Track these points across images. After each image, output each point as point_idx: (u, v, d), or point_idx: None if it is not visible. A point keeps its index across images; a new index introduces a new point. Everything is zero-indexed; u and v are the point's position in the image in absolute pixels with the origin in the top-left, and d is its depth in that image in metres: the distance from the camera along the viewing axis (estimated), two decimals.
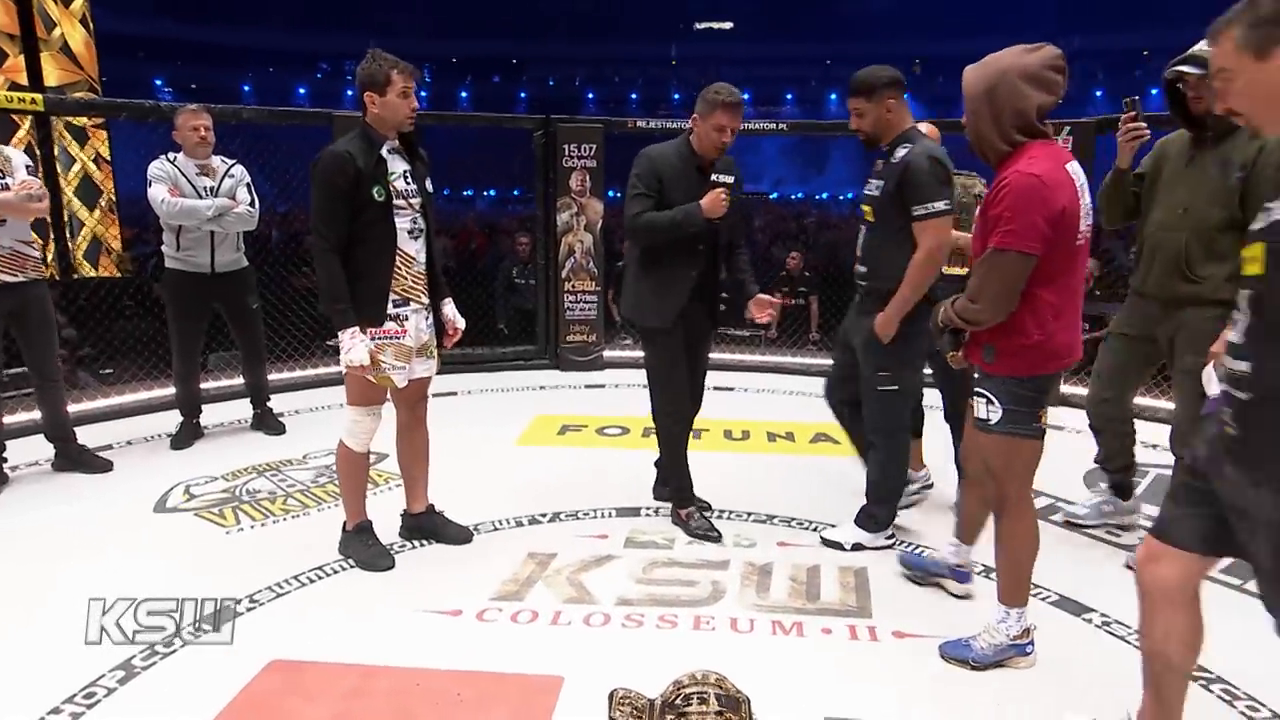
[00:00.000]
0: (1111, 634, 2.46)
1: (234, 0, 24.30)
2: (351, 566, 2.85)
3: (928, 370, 3.13)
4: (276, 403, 4.50)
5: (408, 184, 2.74)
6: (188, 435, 4.10)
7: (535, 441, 4.25)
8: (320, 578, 2.78)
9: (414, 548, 3.02)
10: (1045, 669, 2.26)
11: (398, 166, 2.72)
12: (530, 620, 2.53)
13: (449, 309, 2.95)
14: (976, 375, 2.24)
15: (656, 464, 3.36)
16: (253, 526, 3.19)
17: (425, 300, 2.85)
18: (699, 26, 28.98)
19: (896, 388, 2.83)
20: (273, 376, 4.76)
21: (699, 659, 2.24)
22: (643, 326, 3.03)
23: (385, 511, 3.04)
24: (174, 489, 3.53)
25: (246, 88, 25.27)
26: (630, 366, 5.71)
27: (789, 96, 27.16)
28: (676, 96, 28.18)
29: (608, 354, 5.73)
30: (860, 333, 2.85)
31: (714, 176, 2.87)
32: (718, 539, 3.02)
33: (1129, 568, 2.54)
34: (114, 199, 7.33)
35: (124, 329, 5.55)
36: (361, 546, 2.88)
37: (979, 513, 2.52)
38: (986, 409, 2.19)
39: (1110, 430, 3.08)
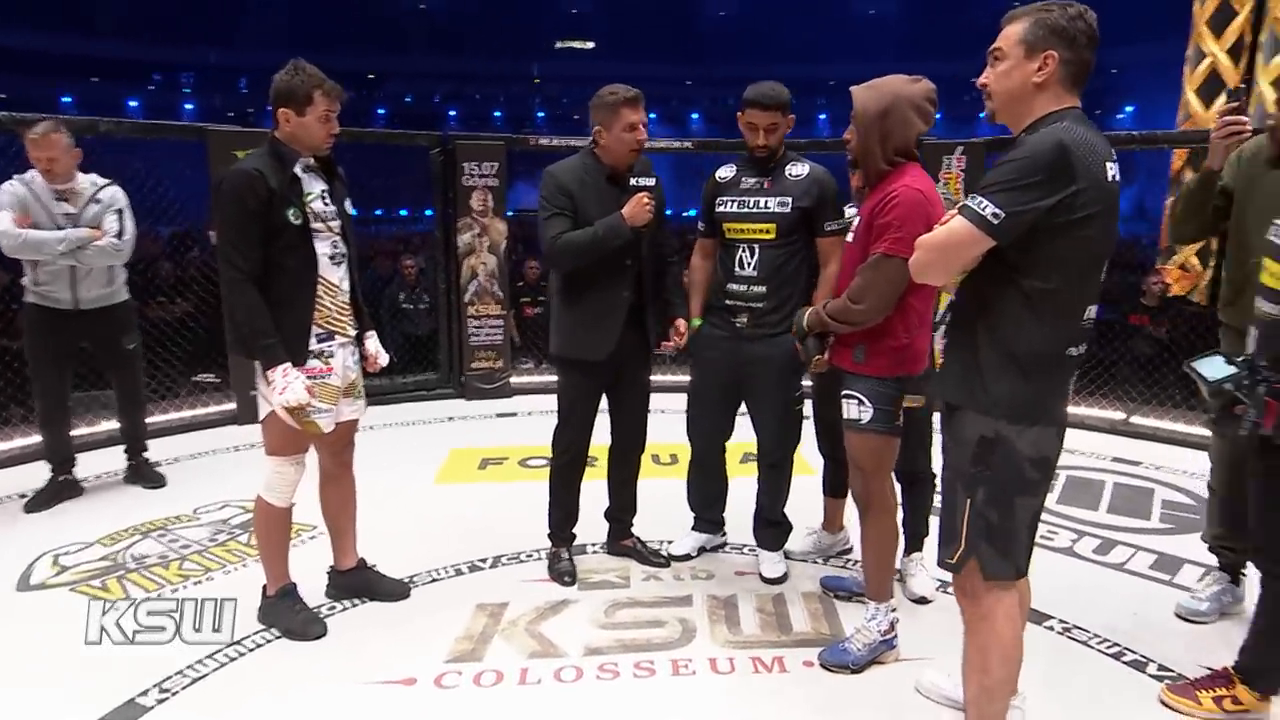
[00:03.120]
0: (1074, 640, 2.53)
1: (51, 4, 22.03)
2: (277, 637, 2.52)
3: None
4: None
5: (326, 205, 2.47)
6: (51, 494, 3.54)
7: (456, 478, 3.98)
8: (242, 654, 2.43)
9: (346, 609, 2.71)
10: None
11: (314, 186, 2.45)
12: (495, 682, 2.31)
13: (372, 343, 2.69)
14: (844, 377, 2.34)
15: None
16: (146, 599, 2.77)
17: (351, 333, 2.58)
18: (560, 45, 29.02)
19: (801, 406, 2.84)
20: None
21: (685, 708, 2.13)
22: (575, 360, 2.77)
23: (305, 570, 2.71)
24: (39, 561, 3.02)
25: (67, 99, 22.94)
26: (540, 392, 5.49)
27: (653, 116, 27.63)
28: (540, 115, 28.05)
29: (514, 380, 5.49)
30: (766, 359, 2.71)
31: (633, 180, 2.68)
32: (571, 584, 2.84)
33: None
34: None
35: None
36: (288, 613, 2.56)
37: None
38: (858, 409, 2.31)
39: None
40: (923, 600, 2.74)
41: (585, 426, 2.86)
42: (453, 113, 27.08)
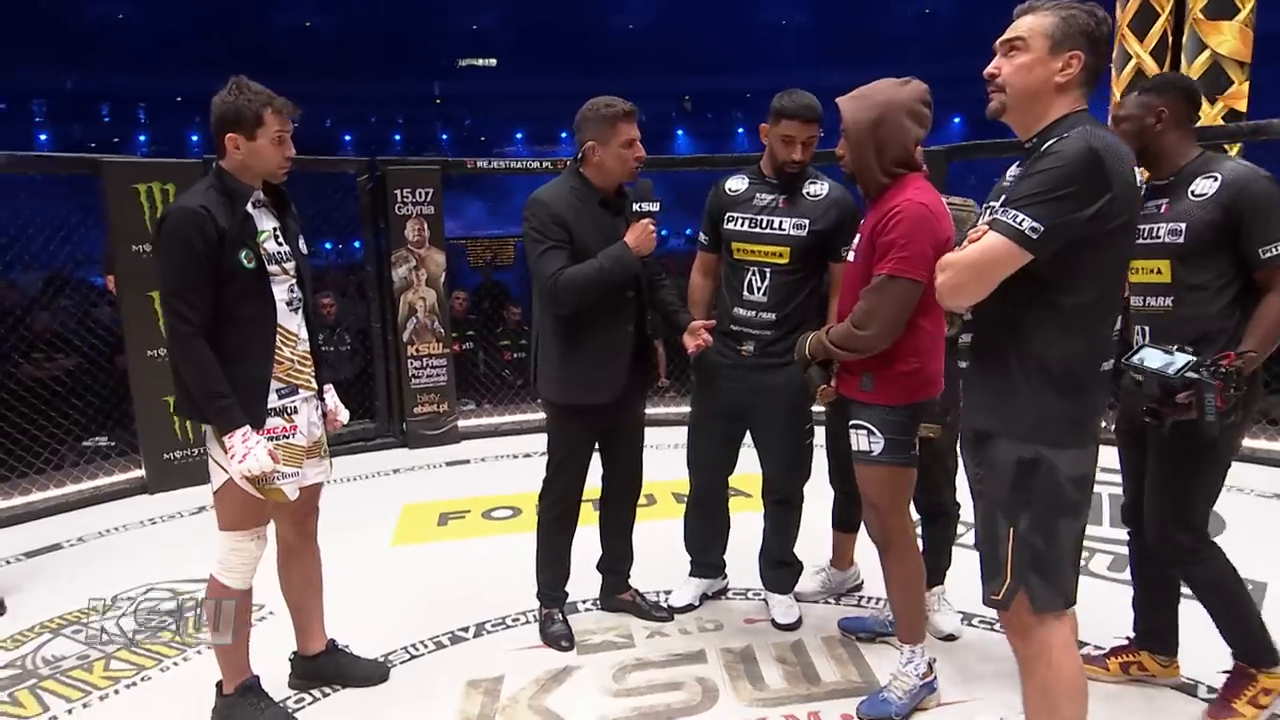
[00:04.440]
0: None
1: None
2: None
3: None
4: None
5: (280, 245, 2.31)
6: None
7: (415, 539, 3.78)
8: None
9: (316, 699, 2.51)
10: None
11: (266, 224, 2.29)
12: None
13: (331, 398, 2.52)
14: (851, 406, 2.30)
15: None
16: (69, 711, 2.50)
17: (314, 386, 2.41)
18: (462, 64, 28.86)
19: (812, 438, 2.80)
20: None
21: None
22: (577, 405, 2.65)
23: (260, 658, 2.47)
24: None
25: None
26: (490, 435, 5.35)
27: (564, 135, 27.76)
28: (444, 136, 27.76)
29: (461, 424, 5.31)
30: (774, 389, 2.65)
31: (637, 205, 2.59)
32: (570, 648, 2.72)
33: None
34: None
35: None
36: (251, 712, 2.34)
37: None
38: (869, 441, 2.26)
39: None
40: (950, 638, 2.72)
41: (580, 475, 2.75)
42: (348, 137, 26.52)
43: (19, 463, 4.31)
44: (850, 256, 2.34)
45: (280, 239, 2.32)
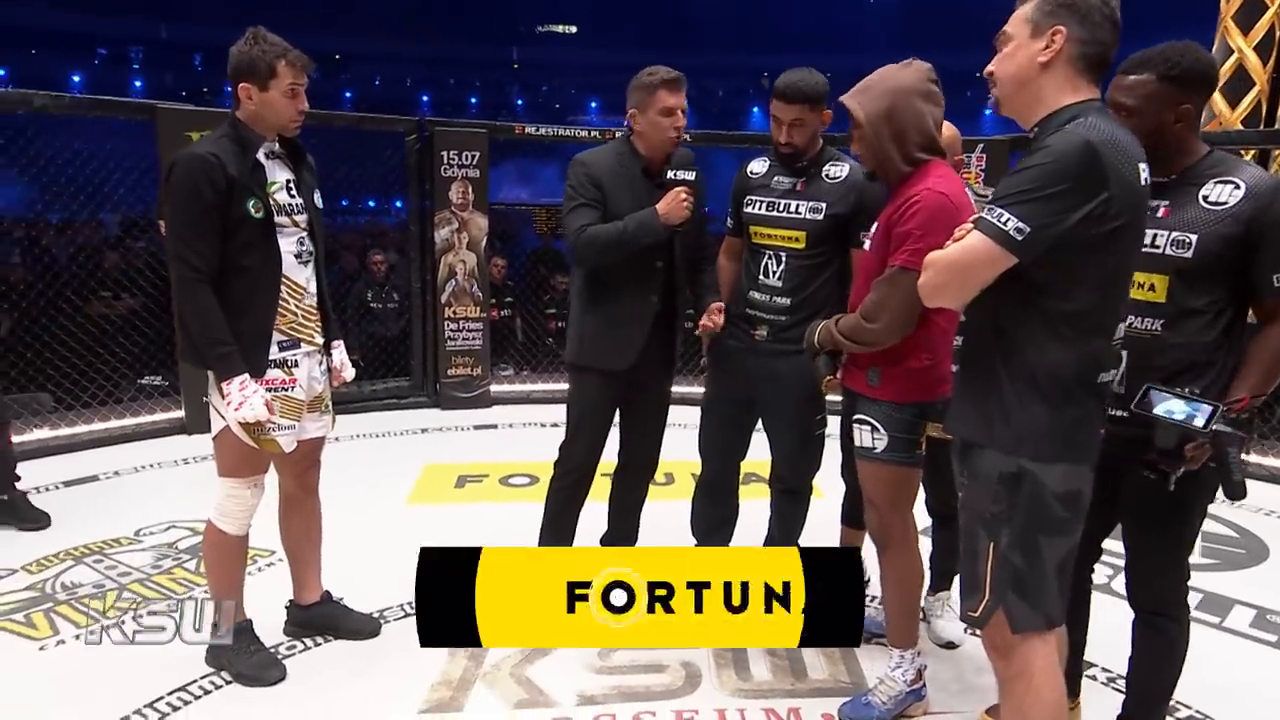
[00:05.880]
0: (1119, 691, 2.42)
1: None
2: (229, 682, 2.37)
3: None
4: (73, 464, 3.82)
5: (292, 197, 2.33)
6: None
7: (430, 498, 3.83)
8: (187, 701, 2.29)
9: (307, 648, 2.56)
10: None
11: (279, 175, 2.31)
12: None
13: (338, 354, 2.54)
14: (857, 400, 2.23)
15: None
16: (77, 636, 2.60)
17: (318, 341, 2.43)
18: (540, 29, 28.89)
19: (824, 429, 2.70)
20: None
21: None
22: (591, 368, 2.65)
23: (261, 603, 2.54)
24: None
25: (1, 72, 22.44)
26: (521, 401, 5.39)
27: None
28: (519, 102, 27.89)
29: (494, 388, 5.34)
30: (785, 376, 2.54)
31: (671, 173, 2.54)
32: None
33: None
34: None
35: None
36: (242, 654, 2.40)
37: None
38: (872, 437, 2.19)
39: None
40: (951, 645, 2.63)
41: (595, 443, 2.73)
42: (425, 98, 26.83)
43: (82, 393, 4.49)
44: (866, 245, 2.24)
45: (293, 191, 2.34)
